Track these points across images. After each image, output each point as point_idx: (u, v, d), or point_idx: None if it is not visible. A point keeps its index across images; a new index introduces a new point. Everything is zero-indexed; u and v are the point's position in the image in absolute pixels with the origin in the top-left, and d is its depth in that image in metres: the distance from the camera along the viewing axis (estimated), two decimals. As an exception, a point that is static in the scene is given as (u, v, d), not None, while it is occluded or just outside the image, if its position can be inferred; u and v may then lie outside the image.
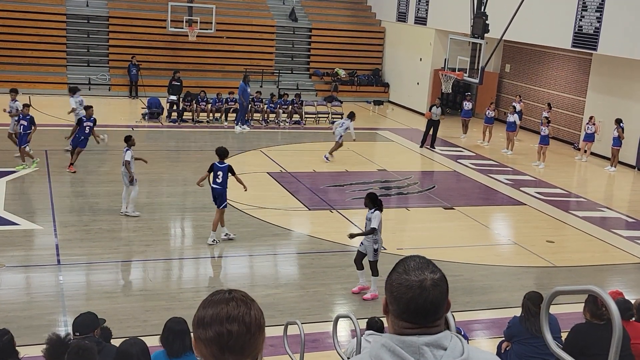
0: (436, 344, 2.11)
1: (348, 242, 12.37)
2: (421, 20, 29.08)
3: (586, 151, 22.32)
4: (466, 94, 25.91)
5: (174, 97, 23.94)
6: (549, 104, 24.14)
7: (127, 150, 14.01)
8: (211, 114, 24.09)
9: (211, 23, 27.91)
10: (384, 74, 32.07)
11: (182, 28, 27.60)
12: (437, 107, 22.53)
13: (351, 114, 20.08)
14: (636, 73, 21.23)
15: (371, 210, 10.82)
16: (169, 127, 23.17)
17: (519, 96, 25.61)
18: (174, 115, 23.88)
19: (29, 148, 16.69)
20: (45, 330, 8.48)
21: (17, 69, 26.76)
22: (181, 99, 24.03)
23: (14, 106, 17.76)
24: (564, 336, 6.67)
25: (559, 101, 25.11)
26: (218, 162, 12.84)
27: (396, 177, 18.63)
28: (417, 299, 2.11)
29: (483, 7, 20.81)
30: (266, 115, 24.55)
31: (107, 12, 28.53)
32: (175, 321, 5.75)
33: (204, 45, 28.85)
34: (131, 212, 13.92)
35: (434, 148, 22.43)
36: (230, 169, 12.81)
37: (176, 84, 24.15)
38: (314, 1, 32.63)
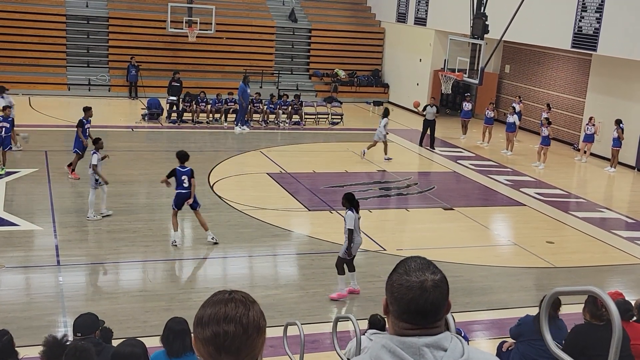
0: (436, 345, 2.11)
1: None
2: (421, 21, 29.09)
3: (586, 152, 22.32)
4: (466, 94, 25.91)
5: (173, 98, 23.93)
6: (548, 105, 24.14)
7: (94, 154, 13.74)
8: (211, 115, 24.08)
9: (211, 24, 27.91)
10: (384, 74, 32.08)
11: (182, 29, 27.60)
12: (431, 106, 22.62)
13: (386, 111, 20.72)
14: (636, 74, 21.23)
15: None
16: (169, 128, 23.17)
17: (518, 97, 25.61)
18: (174, 116, 23.88)
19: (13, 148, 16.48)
20: (45, 331, 8.49)
21: (17, 70, 26.75)
22: (181, 100, 24.02)
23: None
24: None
25: (559, 102, 25.11)
26: (180, 167, 12.64)
27: (396, 178, 18.63)
28: (417, 299, 2.11)
29: (483, 8, 20.83)
30: (266, 116, 24.56)
31: (106, 12, 28.53)
32: (176, 321, 5.76)
33: (204, 46, 28.86)
34: (92, 217, 13.59)
35: (434, 149, 22.44)
36: (192, 173, 12.68)
37: (176, 84, 24.15)
38: (314, 2, 32.63)
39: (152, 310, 10.11)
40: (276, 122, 24.58)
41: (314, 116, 25.58)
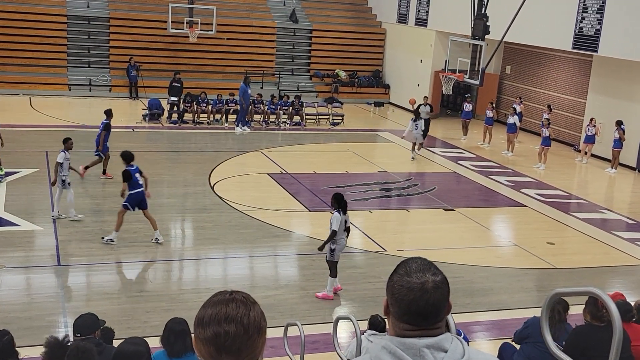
0: (437, 346, 2.11)
1: (348, 243, 12.34)
2: (422, 22, 29.09)
3: (587, 153, 22.30)
4: (466, 95, 25.90)
5: (174, 98, 23.94)
6: (549, 106, 24.14)
7: (61, 152, 13.68)
8: (212, 115, 24.09)
9: (212, 24, 27.93)
10: (385, 75, 32.08)
11: (183, 29, 27.61)
12: (425, 105, 22.69)
13: (416, 113, 21.56)
14: (637, 75, 21.22)
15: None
16: (170, 129, 23.17)
17: (519, 98, 25.60)
18: (175, 116, 23.88)
19: None
20: (45, 331, 8.50)
21: (18, 70, 26.77)
22: (182, 100, 24.03)
23: None
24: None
25: (560, 103, 25.11)
26: (129, 167, 12.68)
27: (396, 179, 18.63)
28: (418, 301, 2.11)
29: (483, 9, 20.83)
30: (267, 117, 24.56)
31: (107, 13, 28.54)
32: (176, 321, 5.76)
33: (205, 46, 28.87)
34: (73, 216, 13.57)
35: (422, 145, 22.15)
36: (139, 169, 12.83)
37: (177, 85, 24.16)
38: (315, 2, 32.64)
39: (152, 311, 10.11)
40: (277, 122, 24.59)
41: (314, 117, 25.58)
